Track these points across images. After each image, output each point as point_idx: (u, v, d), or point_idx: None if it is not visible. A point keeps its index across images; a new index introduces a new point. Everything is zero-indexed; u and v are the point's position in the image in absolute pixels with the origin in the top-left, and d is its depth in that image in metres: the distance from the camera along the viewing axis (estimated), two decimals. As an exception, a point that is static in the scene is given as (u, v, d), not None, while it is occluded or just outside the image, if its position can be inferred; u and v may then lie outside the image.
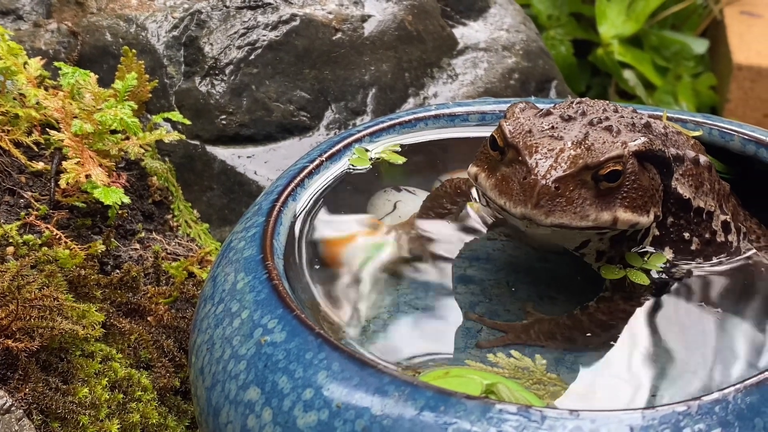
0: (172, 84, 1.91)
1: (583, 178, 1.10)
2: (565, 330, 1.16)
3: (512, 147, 1.13)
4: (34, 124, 1.65)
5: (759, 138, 1.41)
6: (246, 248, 1.18)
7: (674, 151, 1.26)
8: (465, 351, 1.14)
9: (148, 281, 1.53)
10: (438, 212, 1.36)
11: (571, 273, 1.27)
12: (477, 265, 1.29)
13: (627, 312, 1.18)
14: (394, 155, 1.43)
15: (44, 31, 1.98)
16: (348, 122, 1.99)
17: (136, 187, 1.71)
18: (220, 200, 1.87)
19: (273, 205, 1.26)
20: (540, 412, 0.88)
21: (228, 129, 1.90)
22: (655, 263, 1.23)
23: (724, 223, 1.31)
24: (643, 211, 1.16)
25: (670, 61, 3.59)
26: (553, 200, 1.08)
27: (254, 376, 1.00)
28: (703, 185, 1.29)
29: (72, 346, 1.31)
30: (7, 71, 1.65)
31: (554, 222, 1.09)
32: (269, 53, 1.95)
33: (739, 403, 0.90)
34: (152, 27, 1.94)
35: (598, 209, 1.11)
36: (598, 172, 1.11)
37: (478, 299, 1.23)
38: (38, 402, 1.22)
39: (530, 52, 2.28)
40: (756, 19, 3.67)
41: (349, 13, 2.06)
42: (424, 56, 2.13)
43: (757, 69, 3.39)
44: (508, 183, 1.11)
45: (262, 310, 1.06)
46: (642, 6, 3.45)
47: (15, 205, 1.52)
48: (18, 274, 1.29)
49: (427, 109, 1.53)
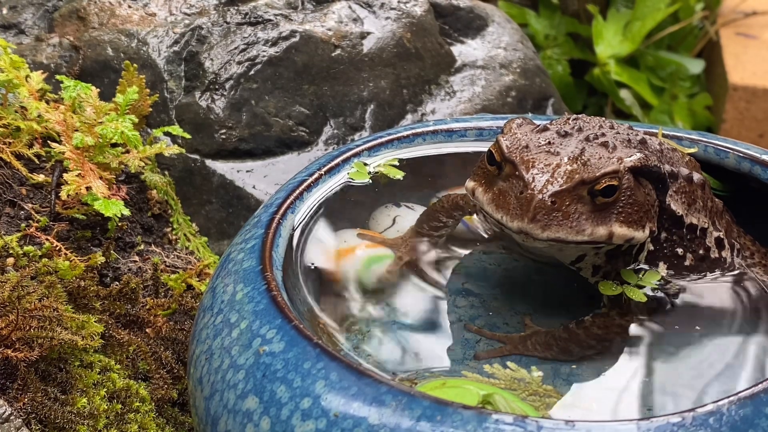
0: (172, 98, 1.92)
1: (579, 193, 1.12)
2: (561, 342, 1.17)
3: (509, 162, 1.15)
4: (36, 136, 1.66)
5: (753, 155, 1.42)
6: (245, 259, 1.19)
7: (669, 167, 1.27)
8: (462, 362, 1.15)
9: (146, 293, 1.54)
10: (433, 226, 1.37)
11: (568, 287, 1.28)
12: (475, 279, 1.30)
13: (622, 327, 1.19)
14: (393, 170, 1.44)
15: (46, 45, 1.99)
16: (346, 138, 2.00)
17: (135, 200, 1.72)
18: (218, 214, 1.88)
19: (272, 218, 1.27)
20: (536, 422, 0.89)
21: (227, 143, 1.91)
22: (649, 280, 1.24)
23: (717, 239, 1.32)
24: (639, 227, 1.17)
25: (666, 81, 3.61)
26: (550, 215, 1.10)
27: (253, 385, 1.01)
28: (696, 202, 1.30)
29: (71, 356, 1.32)
30: (9, 84, 1.66)
31: (551, 236, 1.10)
32: (269, 69, 1.97)
33: (733, 415, 0.91)
34: (153, 42, 1.95)
35: (594, 224, 1.12)
36: (594, 187, 1.12)
37: (478, 312, 1.24)
38: (37, 411, 1.23)
39: (527, 71, 2.30)
40: (751, 40, 3.71)
41: (348, 30, 2.08)
42: (423, 73, 2.15)
43: (752, 89, 3.42)
44: (505, 197, 1.13)
45: (260, 321, 1.07)
46: (638, 27, 3.47)
47: (16, 217, 1.53)
48: (18, 284, 1.30)
49: (425, 124, 1.54)
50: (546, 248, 1.18)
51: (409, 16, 2.17)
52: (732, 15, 3.83)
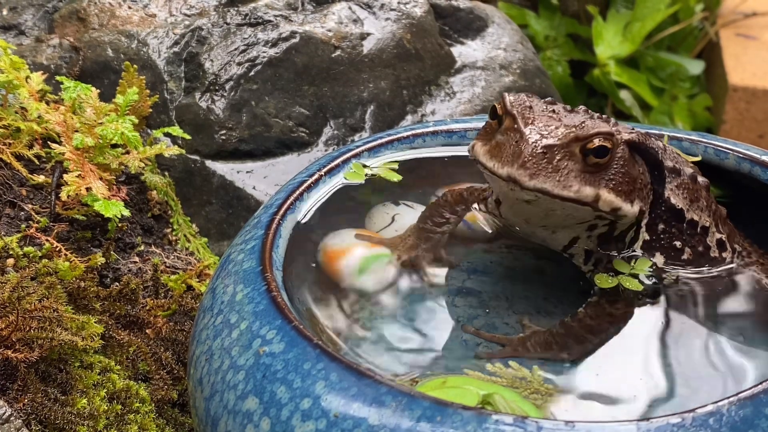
0: (172, 99, 1.92)
1: (572, 150, 1.14)
2: (559, 339, 1.17)
3: (510, 115, 1.17)
4: (36, 137, 1.66)
5: (753, 156, 1.42)
6: (245, 260, 1.19)
7: (670, 163, 1.28)
8: (463, 361, 1.15)
9: (146, 294, 1.54)
10: (437, 222, 1.37)
11: (567, 286, 1.28)
12: (475, 278, 1.30)
13: (613, 316, 1.20)
14: (390, 173, 1.44)
15: (46, 46, 1.99)
16: (346, 138, 2.00)
17: (135, 201, 1.72)
18: (218, 215, 1.88)
19: (272, 218, 1.27)
20: (536, 422, 0.89)
21: (227, 144, 1.91)
22: (641, 267, 1.25)
23: (719, 241, 1.33)
24: (627, 199, 1.18)
25: (666, 82, 3.61)
26: (539, 164, 1.11)
27: (253, 386, 1.01)
28: (699, 201, 1.31)
29: (71, 357, 1.32)
30: (9, 85, 1.66)
31: (537, 186, 1.11)
32: (269, 70, 1.97)
33: (733, 416, 0.91)
34: (153, 43, 1.96)
35: (582, 182, 1.14)
36: (587, 146, 1.14)
37: (477, 312, 1.24)
38: (37, 412, 1.23)
39: (527, 71, 2.30)
40: (751, 41, 3.71)
41: (348, 30, 2.09)
42: (423, 74, 2.15)
43: (752, 90, 3.42)
44: (500, 149, 1.15)
45: (260, 321, 1.07)
46: (638, 27, 3.48)
47: (16, 218, 1.53)
48: (18, 285, 1.30)
49: (425, 125, 1.54)
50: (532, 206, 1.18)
51: (409, 17, 2.17)
52: (732, 16, 3.83)
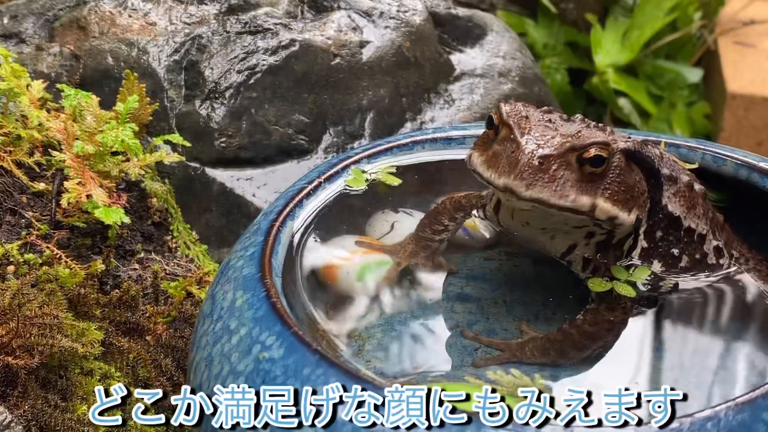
0: (172, 107, 1.93)
1: (569, 159, 1.14)
2: (557, 344, 1.18)
3: (506, 125, 1.17)
4: (36, 144, 1.66)
5: (751, 163, 1.42)
6: (245, 266, 1.19)
7: (667, 171, 1.28)
8: (461, 369, 1.15)
9: (146, 300, 1.54)
10: (435, 229, 1.38)
11: (566, 292, 1.29)
12: (474, 284, 1.30)
13: (611, 323, 1.20)
14: (390, 177, 1.45)
15: (47, 54, 2.00)
16: (346, 146, 2.01)
17: (135, 208, 1.73)
18: (218, 222, 1.89)
19: (272, 225, 1.27)
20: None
21: (227, 151, 1.92)
22: (640, 275, 1.25)
23: (716, 248, 1.33)
24: (624, 208, 1.18)
25: (664, 90, 3.62)
26: (536, 174, 1.12)
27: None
28: (696, 208, 1.31)
29: (71, 363, 1.32)
30: (10, 93, 1.67)
31: (533, 196, 1.12)
32: (269, 77, 1.98)
33: (731, 420, 0.91)
34: (153, 51, 1.96)
35: (578, 192, 1.14)
36: (583, 155, 1.14)
37: (476, 318, 1.24)
38: (37, 418, 1.23)
39: (526, 79, 2.31)
40: (749, 49, 3.72)
41: (347, 38, 2.09)
42: (422, 82, 2.16)
43: (751, 97, 3.42)
44: (497, 159, 1.15)
45: (260, 327, 1.07)
46: (636, 35, 3.49)
47: (16, 225, 1.53)
48: (18, 292, 1.31)
49: (425, 132, 1.55)
50: (530, 214, 1.19)
51: (408, 25, 2.18)
52: (730, 24, 3.84)
